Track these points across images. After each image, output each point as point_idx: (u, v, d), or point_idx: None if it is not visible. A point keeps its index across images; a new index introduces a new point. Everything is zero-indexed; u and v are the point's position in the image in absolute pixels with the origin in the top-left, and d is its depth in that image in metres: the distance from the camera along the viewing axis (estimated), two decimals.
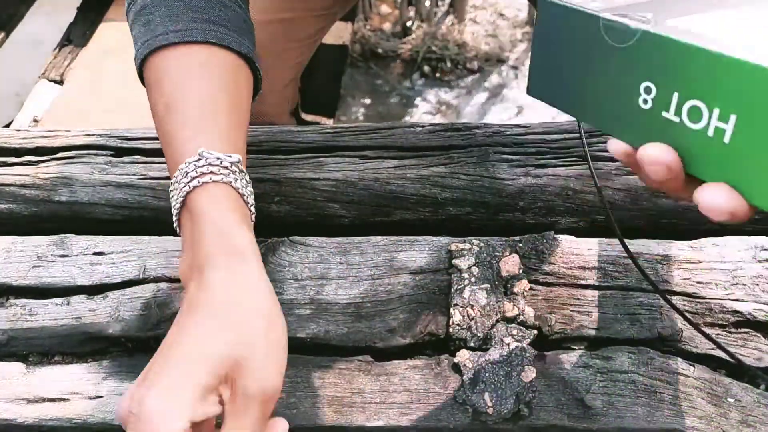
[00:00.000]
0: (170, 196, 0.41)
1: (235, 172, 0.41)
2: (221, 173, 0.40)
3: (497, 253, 0.51)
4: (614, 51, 0.31)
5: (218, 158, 0.40)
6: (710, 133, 0.28)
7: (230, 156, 0.40)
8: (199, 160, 0.40)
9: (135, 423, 0.32)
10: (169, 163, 0.43)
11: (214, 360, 0.34)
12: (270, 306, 0.37)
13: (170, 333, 0.36)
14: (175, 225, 0.42)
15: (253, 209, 0.42)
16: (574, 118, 0.47)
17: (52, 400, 0.45)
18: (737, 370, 0.46)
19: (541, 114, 1.69)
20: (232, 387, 0.34)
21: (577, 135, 0.62)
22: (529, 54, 1.83)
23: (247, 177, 0.42)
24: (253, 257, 0.38)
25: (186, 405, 0.32)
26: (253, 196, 0.42)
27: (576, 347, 0.47)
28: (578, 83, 0.35)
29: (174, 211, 0.41)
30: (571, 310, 0.48)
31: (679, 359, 0.46)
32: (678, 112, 0.30)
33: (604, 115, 0.34)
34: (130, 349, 0.49)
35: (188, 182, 0.39)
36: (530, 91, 0.39)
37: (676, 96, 0.30)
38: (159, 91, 0.44)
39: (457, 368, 0.46)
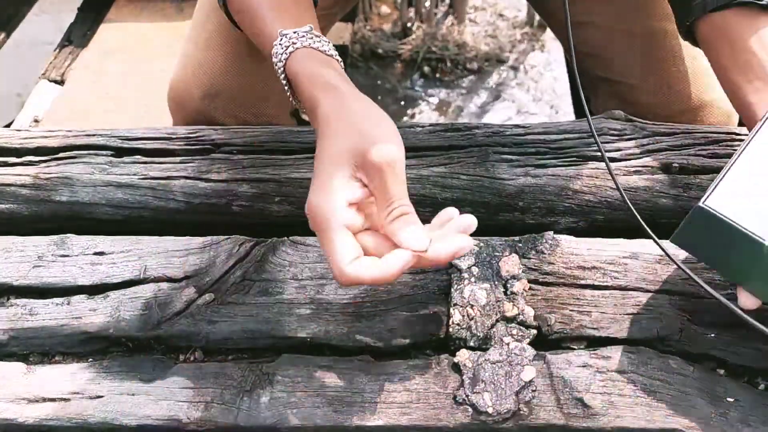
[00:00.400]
0: (278, 75, 0.52)
1: (310, 36, 0.51)
2: (299, 41, 0.51)
3: (497, 253, 0.51)
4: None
5: (292, 32, 0.51)
6: None
7: (301, 28, 0.51)
8: (282, 38, 0.51)
9: (312, 222, 0.43)
10: (261, 49, 0.55)
11: (345, 154, 0.43)
12: (371, 107, 0.46)
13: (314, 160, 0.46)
14: (289, 96, 0.53)
15: (337, 57, 0.52)
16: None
17: (52, 400, 0.46)
18: (737, 370, 0.46)
19: (541, 114, 1.69)
20: (366, 170, 0.43)
21: (577, 135, 0.62)
22: (529, 54, 1.84)
23: (323, 37, 0.52)
24: (344, 84, 0.48)
25: (337, 192, 0.42)
26: (332, 48, 0.52)
27: (575, 347, 0.47)
28: (729, 262, 0.41)
29: (285, 85, 0.53)
30: (570, 310, 0.48)
31: (679, 359, 0.46)
32: None
33: (746, 282, 0.41)
34: (131, 349, 0.49)
35: (281, 59, 0.51)
36: (674, 240, 0.44)
37: None
38: (240, 12, 0.58)
39: (457, 368, 0.46)
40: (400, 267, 0.40)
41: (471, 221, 0.44)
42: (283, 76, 0.52)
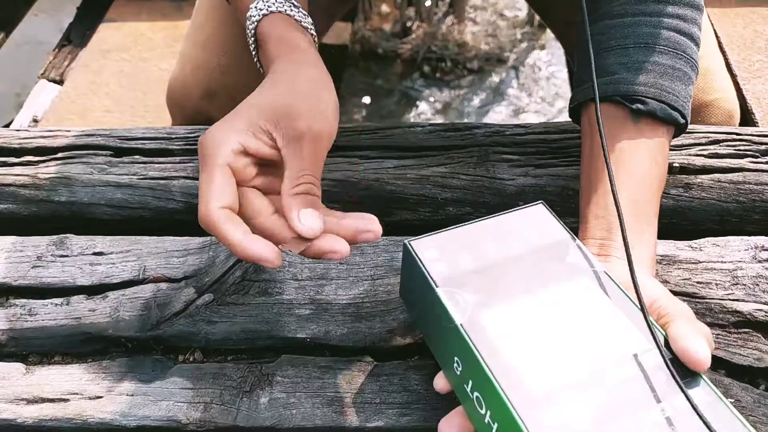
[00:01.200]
0: (248, 39, 0.49)
1: (288, 5, 0.48)
2: (275, 5, 0.47)
3: None
4: (444, 317, 0.38)
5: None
6: (486, 420, 0.34)
7: None
8: (259, 2, 0.48)
9: (199, 155, 0.38)
10: (241, 19, 0.50)
11: (266, 105, 0.40)
12: (320, 73, 0.43)
13: None
14: (256, 60, 0.49)
15: (312, 31, 0.49)
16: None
17: (52, 400, 0.45)
18: (737, 371, 0.46)
19: (541, 114, 1.69)
20: (284, 131, 0.39)
21: (578, 135, 0.62)
22: (529, 54, 1.83)
23: (302, 10, 0.49)
24: (309, 48, 0.46)
25: (237, 132, 0.38)
26: (310, 23, 0.49)
27: None
28: (424, 314, 0.42)
29: (253, 48, 0.49)
30: None
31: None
32: (472, 393, 0.36)
33: (437, 351, 0.41)
34: (130, 349, 0.49)
35: (254, 19, 0.48)
36: (400, 293, 0.46)
37: (471, 382, 0.36)
38: None
39: None
40: (255, 253, 0.35)
41: (370, 227, 0.39)
42: (252, 39, 0.49)
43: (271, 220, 0.38)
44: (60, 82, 1.21)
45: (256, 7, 0.48)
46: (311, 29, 0.49)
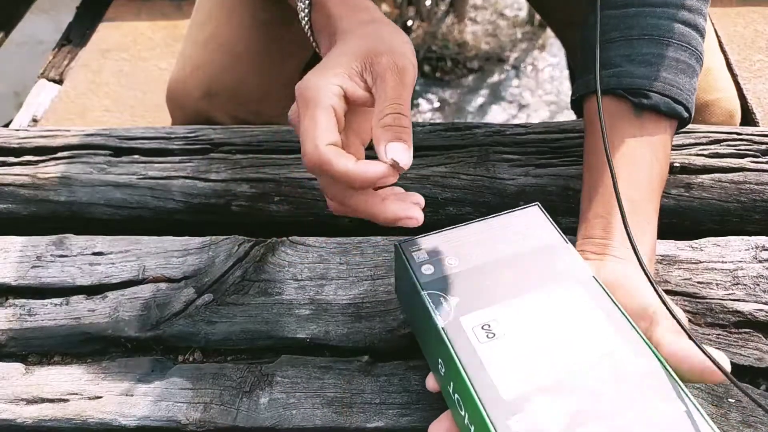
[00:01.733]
0: (299, 3, 0.47)
1: None
2: None
3: None
4: (429, 319, 0.38)
5: None
6: (467, 422, 0.35)
7: None
8: None
9: (298, 101, 0.39)
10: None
11: (356, 51, 0.40)
12: (394, 27, 0.43)
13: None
14: (307, 28, 0.48)
15: None
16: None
17: (52, 400, 0.45)
18: (738, 371, 0.46)
19: (542, 113, 1.68)
20: (372, 70, 0.39)
21: (578, 134, 0.62)
22: (530, 54, 1.83)
23: None
24: (376, 9, 0.45)
25: (336, 75, 0.39)
26: None
27: None
28: (413, 314, 0.42)
29: (305, 15, 0.47)
30: None
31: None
32: (453, 395, 0.36)
33: (425, 352, 0.41)
34: (130, 349, 0.49)
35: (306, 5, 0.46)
36: (395, 290, 0.46)
37: (452, 384, 0.36)
38: None
39: None
40: (373, 174, 0.36)
41: (411, 215, 0.39)
42: (308, 2, 0.47)
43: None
44: (59, 82, 1.21)
45: None
46: None
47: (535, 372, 0.34)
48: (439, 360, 0.38)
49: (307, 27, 0.48)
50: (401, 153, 0.37)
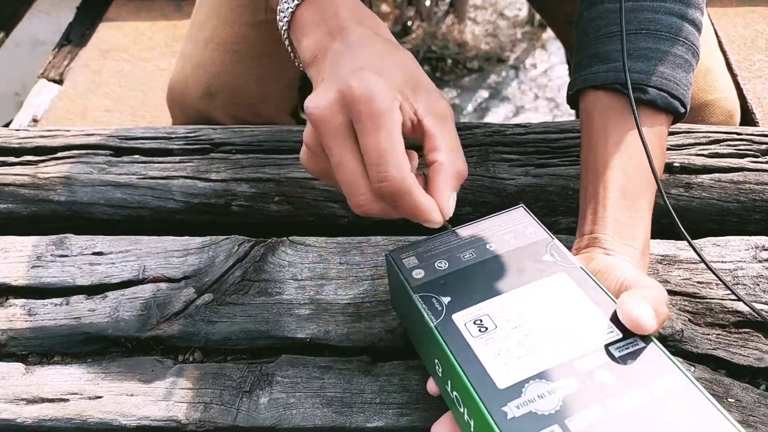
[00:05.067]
0: (279, 18, 0.44)
1: None
2: None
3: None
4: (422, 321, 0.38)
5: None
6: (466, 418, 0.35)
7: None
8: None
9: (363, 103, 0.34)
10: (273, 7, 0.45)
11: (399, 72, 0.37)
12: (407, 52, 0.40)
13: (334, 62, 0.38)
14: (286, 19, 0.44)
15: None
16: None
17: (52, 400, 0.45)
18: (738, 371, 0.46)
19: (542, 113, 1.68)
20: (425, 104, 0.38)
21: (578, 134, 0.62)
22: (530, 53, 1.83)
23: None
24: (382, 23, 0.42)
25: (398, 91, 0.36)
26: None
27: None
28: (409, 322, 0.42)
29: (288, 5, 0.43)
30: None
31: (680, 359, 0.46)
32: (452, 393, 0.37)
33: (423, 358, 0.42)
34: (130, 349, 0.49)
35: None
36: (391, 304, 0.47)
37: (449, 382, 0.37)
38: None
39: None
40: (438, 218, 0.37)
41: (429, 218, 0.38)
42: (287, 15, 0.43)
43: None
44: (60, 82, 1.21)
45: None
46: None
47: (528, 360, 0.35)
48: (436, 361, 0.38)
49: (288, 13, 0.44)
50: (453, 204, 0.39)
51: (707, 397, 0.32)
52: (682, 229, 0.42)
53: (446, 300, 0.39)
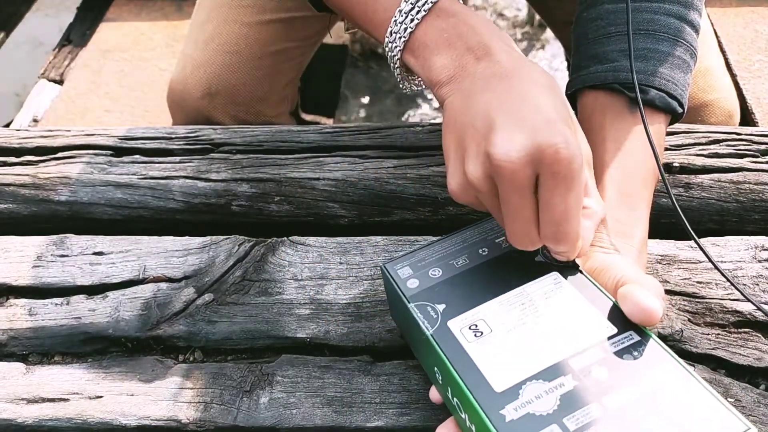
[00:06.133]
0: (391, 40, 0.43)
1: None
2: None
3: None
4: (418, 330, 0.39)
5: None
6: (468, 423, 0.35)
7: None
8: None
9: (566, 158, 0.33)
10: (377, 27, 0.44)
11: (564, 105, 0.37)
12: (549, 75, 0.39)
13: (490, 88, 0.37)
14: (396, 64, 0.44)
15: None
16: None
17: (52, 400, 0.45)
18: (738, 371, 0.46)
19: None
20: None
21: None
22: (529, 54, 1.83)
23: None
24: (511, 39, 0.41)
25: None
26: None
27: None
28: (408, 332, 0.43)
29: (410, 23, 0.42)
30: None
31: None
32: (452, 399, 0.37)
33: (424, 366, 0.42)
34: (130, 349, 0.49)
35: (415, 15, 0.41)
36: (391, 314, 0.47)
37: (450, 389, 0.37)
38: None
39: None
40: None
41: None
42: (425, 8, 0.41)
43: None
44: (60, 82, 1.21)
45: (408, 2, 0.42)
46: None
47: (524, 362, 0.35)
48: (435, 369, 0.38)
49: (406, 34, 0.42)
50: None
51: (705, 386, 0.32)
52: (689, 228, 0.42)
53: (441, 307, 0.39)
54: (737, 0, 1.12)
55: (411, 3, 0.42)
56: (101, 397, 0.45)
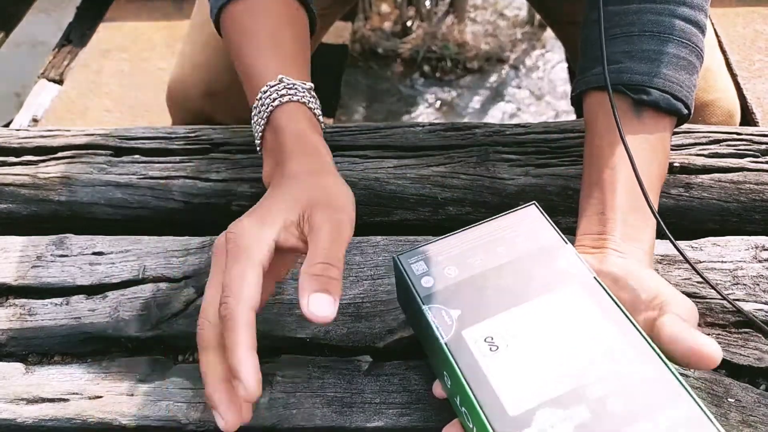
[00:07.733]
0: (254, 115, 0.49)
1: (310, 95, 0.49)
2: (298, 95, 0.48)
3: None
4: (432, 335, 0.38)
5: (295, 83, 0.48)
6: None
7: (305, 83, 0.49)
8: (280, 83, 0.48)
9: (229, 244, 0.39)
10: (250, 91, 0.50)
11: (296, 200, 0.41)
12: (341, 184, 0.44)
13: (261, 200, 0.44)
14: (258, 141, 0.49)
15: (322, 122, 0.50)
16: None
17: (52, 400, 0.45)
18: (738, 371, 0.46)
19: (542, 114, 1.68)
20: (309, 223, 0.40)
21: (578, 134, 0.62)
22: (530, 54, 1.83)
23: (317, 101, 0.50)
24: (327, 154, 0.46)
25: (275, 228, 0.40)
26: (321, 117, 0.50)
27: None
28: (416, 324, 0.42)
29: (259, 129, 0.49)
30: None
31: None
32: (460, 407, 0.37)
33: (430, 361, 0.42)
34: (130, 349, 0.49)
35: (271, 102, 0.47)
36: (398, 298, 0.47)
37: (458, 398, 0.36)
38: (233, 33, 0.53)
39: None
40: (251, 382, 0.35)
41: None
42: (264, 120, 0.48)
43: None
44: (60, 82, 1.21)
45: (275, 89, 0.47)
46: (323, 123, 0.50)
47: (540, 384, 0.34)
48: (445, 373, 0.38)
49: (258, 135, 0.49)
50: (324, 306, 0.36)
51: (717, 427, 0.32)
52: (662, 223, 0.42)
53: (456, 313, 0.38)
54: (737, 0, 1.12)
55: (256, 108, 0.48)
56: (101, 397, 0.45)
